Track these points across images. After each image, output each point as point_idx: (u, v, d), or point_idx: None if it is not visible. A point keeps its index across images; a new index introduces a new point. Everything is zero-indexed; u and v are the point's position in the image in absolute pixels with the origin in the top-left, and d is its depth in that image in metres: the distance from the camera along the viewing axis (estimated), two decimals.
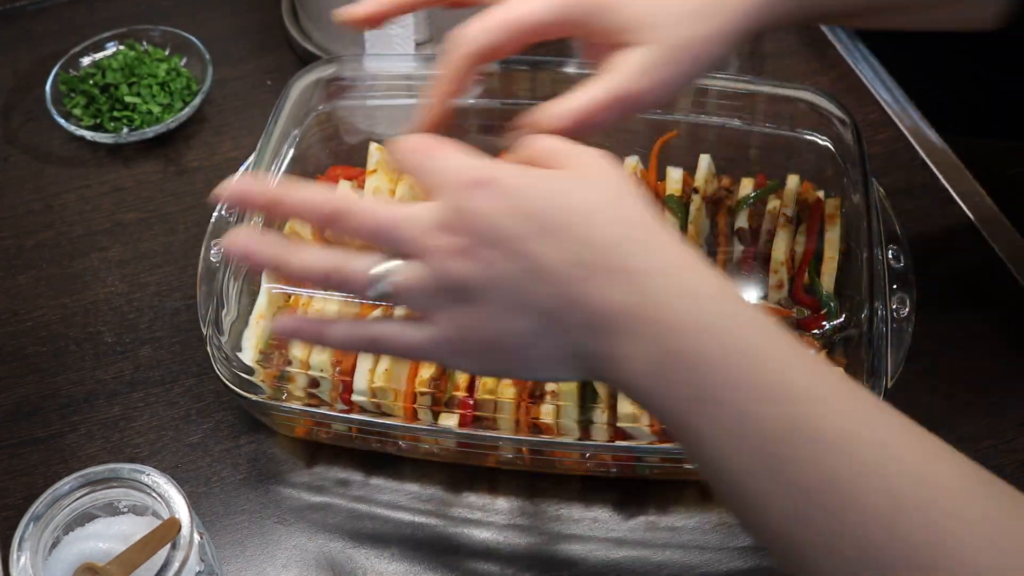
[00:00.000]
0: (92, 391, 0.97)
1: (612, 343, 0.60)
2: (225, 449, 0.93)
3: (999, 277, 1.02)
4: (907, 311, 0.88)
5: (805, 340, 0.84)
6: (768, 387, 0.58)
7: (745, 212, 0.94)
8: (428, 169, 0.65)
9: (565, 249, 0.61)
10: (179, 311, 1.02)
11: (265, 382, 0.86)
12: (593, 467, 0.89)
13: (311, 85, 0.99)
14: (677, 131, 0.98)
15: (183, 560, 0.70)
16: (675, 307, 0.59)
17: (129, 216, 1.10)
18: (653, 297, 0.60)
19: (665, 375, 0.59)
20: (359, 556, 0.87)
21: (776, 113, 0.97)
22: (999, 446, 0.91)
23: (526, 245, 0.61)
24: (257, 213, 0.73)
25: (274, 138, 0.95)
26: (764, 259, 0.91)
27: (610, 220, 0.61)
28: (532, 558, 0.87)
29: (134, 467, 0.74)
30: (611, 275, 0.60)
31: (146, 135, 1.14)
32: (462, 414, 0.84)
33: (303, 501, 0.90)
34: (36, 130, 1.18)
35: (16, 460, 0.93)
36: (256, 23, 1.28)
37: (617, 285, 0.60)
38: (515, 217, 0.61)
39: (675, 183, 0.95)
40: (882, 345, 0.83)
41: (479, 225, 0.61)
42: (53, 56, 1.21)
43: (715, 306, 0.60)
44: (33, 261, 1.07)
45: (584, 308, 0.60)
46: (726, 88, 0.98)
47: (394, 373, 0.84)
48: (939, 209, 1.07)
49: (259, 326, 0.88)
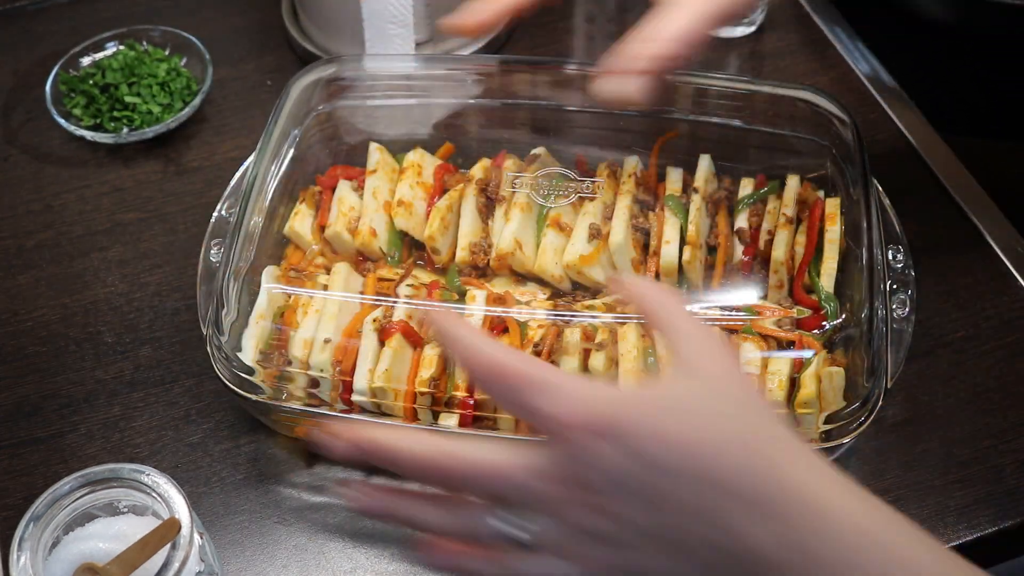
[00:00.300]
0: (92, 391, 0.97)
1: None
2: (225, 449, 0.93)
3: (999, 277, 1.02)
4: (907, 311, 0.88)
5: (805, 340, 0.84)
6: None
7: (745, 212, 0.95)
8: (532, 409, 0.59)
9: (697, 493, 0.57)
10: (179, 311, 1.02)
11: (265, 382, 0.86)
12: None
13: (311, 85, 0.99)
14: (677, 131, 0.98)
15: (183, 560, 0.70)
16: (820, 548, 0.56)
17: (129, 216, 1.10)
18: (796, 535, 0.56)
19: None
20: (359, 556, 0.87)
21: (776, 113, 0.97)
22: (999, 446, 0.91)
23: (656, 495, 0.58)
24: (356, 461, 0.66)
25: (274, 138, 0.95)
26: (764, 259, 0.91)
27: (739, 454, 0.58)
28: None
29: (134, 467, 0.74)
30: (750, 514, 0.57)
31: (146, 135, 1.14)
32: (462, 414, 0.84)
33: (303, 501, 0.90)
34: (36, 130, 1.18)
35: (16, 460, 0.93)
36: (256, 23, 1.28)
37: (760, 524, 0.57)
38: (639, 467, 0.57)
39: (675, 183, 0.95)
40: (882, 345, 0.83)
41: (602, 481, 0.58)
42: (53, 56, 1.21)
43: (861, 540, 0.56)
44: (33, 261, 1.07)
45: (728, 550, 0.57)
46: (726, 88, 0.98)
47: (394, 373, 0.85)
48: (939, 209, 1.07)
49: (259, 326, 0.88)
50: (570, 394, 0.59)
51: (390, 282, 0.92)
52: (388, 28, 1.13)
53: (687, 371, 0.61)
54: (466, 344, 0.62)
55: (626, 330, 0.84)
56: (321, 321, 0.87)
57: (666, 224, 0.92)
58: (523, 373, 0.60)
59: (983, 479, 0.89)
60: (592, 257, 0.91)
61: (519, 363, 0.60)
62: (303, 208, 0.96)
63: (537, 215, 0.94)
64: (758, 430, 0.59)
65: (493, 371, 0.60)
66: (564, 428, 0.58)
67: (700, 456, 0.57)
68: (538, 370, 0.60)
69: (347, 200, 0.96)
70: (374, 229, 0.94)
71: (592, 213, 0.93)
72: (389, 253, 0.95)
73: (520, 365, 0.60)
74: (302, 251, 0.95)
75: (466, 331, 0.63)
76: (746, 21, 1.24)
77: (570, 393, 0.59)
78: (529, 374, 0.60)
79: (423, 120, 1.03)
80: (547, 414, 0.59)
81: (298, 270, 0.93)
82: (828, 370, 0.83)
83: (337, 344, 0.86)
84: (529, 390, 0.59)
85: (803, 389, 0.82)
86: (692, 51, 0.73)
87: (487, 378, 0.61)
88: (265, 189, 0.93)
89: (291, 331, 0.87)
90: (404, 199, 0.96)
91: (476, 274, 0.93)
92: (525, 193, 0.94)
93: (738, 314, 0.87)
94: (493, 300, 0.88)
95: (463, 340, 0.62)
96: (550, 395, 0.59)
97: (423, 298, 0.89)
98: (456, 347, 0.62)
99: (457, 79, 1.04)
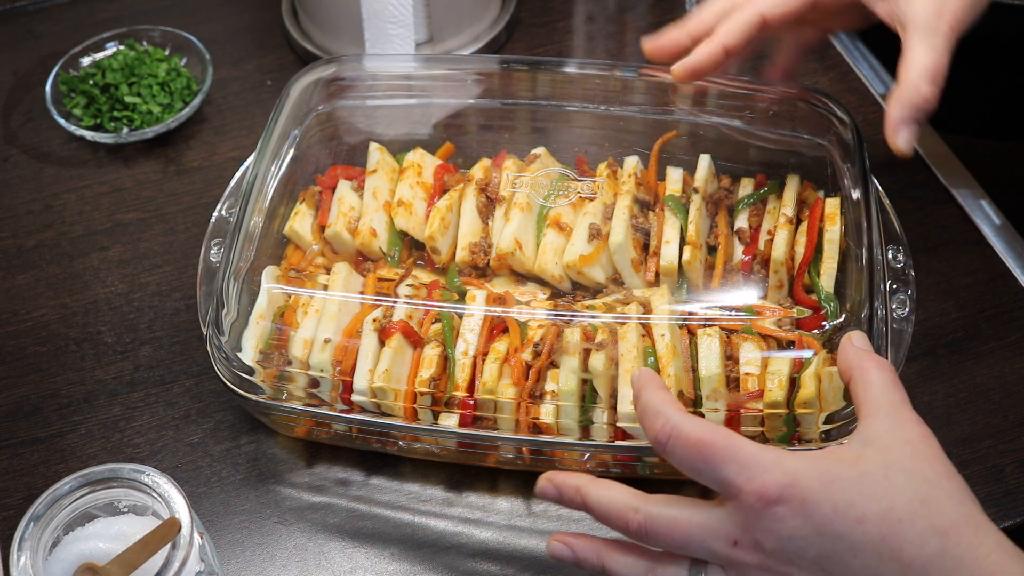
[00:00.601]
0: (92, 391, 0.97)
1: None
2: (225, 449, 0.93)
3: (999, 277, 1.02)
4: (906, 310, 0.88)
5: (805, 340, 0.84)
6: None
7: (745, 212, 0.94)
8: (719, 479, 0.64)
9: (871, 568, 0.60)
10: (179, 311, 1.02)
11: (265, 382, 0.86)
12: (593, 467, 0.89)
13: (311, 85, 0.99)
14: (677, 131, 0.98)
15: (183, 560, 0.70)
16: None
17: (129, 216, 1.10)
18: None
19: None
20: (359, 556, 0.87)
21: (776, 113, 0.97)
22: (999, 446, 0.91)
23: (828, 561, 0.61)
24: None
25: (274, 138, 0.95)
26: (764, 259, 0.91)
27: (921, 532, 0.60)
28: (532, 558, 0.87)
29: (134, 467, 0.74)
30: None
31: (146, 135, 1.14)
32: (462, 414, 0.84)
33: (303, 501, 0.90)
34: (36, 130, 1.18)
35: (16, 460, 0.93)
36: (256, 23, 1.28)
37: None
38: (812, 537, 0.61)
39: (675, 183, 0.95)
40: (882, 344, 0.83)
41: (777, 544, 0.62)
42: (53, 56, 1.21)
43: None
44: (33, 261, 1.07)
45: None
46: (726, 88, 0.98)
47: (394, 373, 0.84)
48: (939, 209, 1.07)
49: (259, 326, 0.88)
50: (754, 464, 0.63)
51: (390, 282, 0.92)
52: (388, 28, 1.13)
53: (864, 439, 0.65)
54: (661, 412, 0.67)
55: (626, 330, 0.84)
56: (321, 321, 0.87)
57: (666, 224, 0.92)
58: (712, 443, 0.64)
59: (983, 479, 0.89)
60: (592, 257, 0.91)
61: (712, 435, 0.65)
62: (303, 208, 0.96)
63: (537, 215, 0.94)
64: (950, 518, 0.61)
65: (690, 442, 0.65)
66: (744, 495, 0.63)
67: (881, 527, 0.60)
68: (725, 440, 0.64)
69: (347, 200, 0.96)
70: (374, 229, 0.94)
71: (592, 213, 0.93)
72: (389, 253, 0.95)
73: (711, 436, 0.65)
74: (302, 251, 0.95)
75: (660, 399, 0.68)
76: None
77: (754, 463, 0.63)
78: (716, 443, 0.64)
79: (423, 120, 1.03)
80: (732, 480, 0.63)
81: (298, 270, 0.93)
82: (828, 370, 0.83)
83: (337, 344, 0.86)
84: (717, 460, 0.64)
85: (803, 389, 0.82)
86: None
87: (677, 448, 0.66)
88: (265, 189, 0.93)
89: (291, 331, 0.87)
90: (404, 199, 0.96)
91: (476, 274, 0.93)
92: (525, 193, 0.94)
93: (738, 314, 0.87)
94: (493, 300, 0.88)
95: (655, 407, 0.67)
96: (736, 464, 0.63)
97: (423, 298, 0.89)
98: (648, 415, 0.68)
99: (457, 79, 1.04)
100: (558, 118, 1.01)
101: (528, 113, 1.01)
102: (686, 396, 0.84)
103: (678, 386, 0.83)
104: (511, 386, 0.84)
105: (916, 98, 0.83)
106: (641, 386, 0.70)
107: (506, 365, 0.85)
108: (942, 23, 0.84)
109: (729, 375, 0.84)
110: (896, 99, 0.84)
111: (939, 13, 0.84)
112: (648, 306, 0.87)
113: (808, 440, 0.82)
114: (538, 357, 0.84)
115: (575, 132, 1.00)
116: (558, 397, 0.84)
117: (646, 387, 0.69)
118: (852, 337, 0.74)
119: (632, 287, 0.91)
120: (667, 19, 1.27)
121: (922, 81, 0.83)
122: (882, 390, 0.68)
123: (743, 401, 0.82)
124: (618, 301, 0.88)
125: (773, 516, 0.62)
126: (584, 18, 1.28)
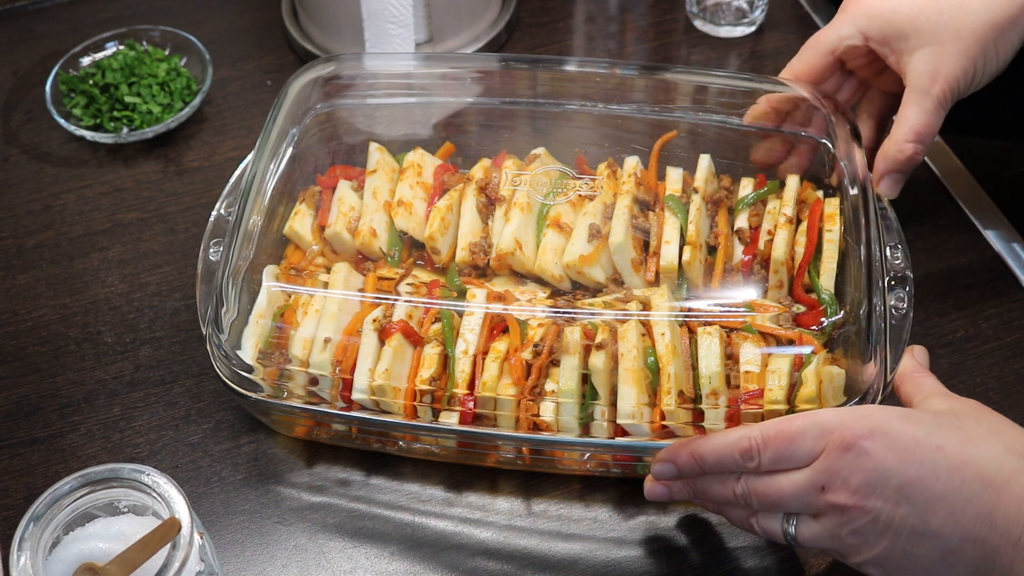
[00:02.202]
0: (92, 391, 0.97)
1: None
2: (225, 449, 0.93)
3: (998, 276, 1.02)
4: (905, 308, 0.88)
5: (805, 338, 0.84)
6: None
7: (745, 212, 0.94)
8: (808, 449, 0.71)
9: (953, 489, 0.66)
10: (179, 311, 1.02)
11: (265, 380, 0.86)
12: (593, 466, 0.89)
13: (310, 83, 0.99)
14: (677, 131, 0.98)
15: (183, 560, 0.70)
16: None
17: (129, 216, 1.10)
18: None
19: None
20: (359, 556, 0.87)
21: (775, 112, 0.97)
22: None
23: (912, 490, 0.67)
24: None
25: (272, 136, 0.95)
26: (764, 259, 0.91)
27: (998, 454, 0.67)
28: (532, 558, 0.87)
29: (134, 467, 0.74)
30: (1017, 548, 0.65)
31: (146, 135, 1.14)
32: (462, 412, 0.84)
33: (303, 501, 0.90)
34: (36, 130, 1.18)
35: (16, 460, 0.93)
36: (256, 23, 1.28)
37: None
38: (895, 466, 0.68)
39: (675, 183, 0.95)
40: (881, 342, 0.83)
41: (861, 479, 0.68)
42: (53, 56, 1.21)
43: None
44: (33, 261, 1.07)
45: (982, 540, 0.66)
46: (726, 87, 0.98)
47: (394, 372, 0.84)
48: (939, 208, 1.07)
49: (259, 325, 0.88)
50: (833, 419, 0.71)
51: (390, 281, 0.92)
52: (388, 28, 1.13)
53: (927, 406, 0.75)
54: (739, 434, 0.74)
55: (626, 329, 0.84)
56: (321, 320, 0.87)
57: (666, 224, 0.92)
58: (789, 428, 0.72)
59: None
60: (592, 257, 0.91)
61: (785, 422, 0.73)
62: (303, 208, 0.96)
63: (537, 215, 0.94)
64: (1012, 435, 0.70)
65: (771, 437, 0.72)
66: (831, 442, 0.70)
67: (955, 452, 0.67)
68: (800, 417, 0.72)
69: (347, 200, 0.96)
70: (374, 229, 0.94)
71: (592, 213, 0.93)
72: (389, 253, 0.95)
73: (786, 423, 0.72)
74: (302, 251, 0.95)
75: (725, 432, 0.76)
76: (746, 21, 1.24)
77: (833, 419, 0.71)
78: (792, 423, 0.72)
79: (423, 120, 1.03)
80: (817, 442, 0.70)
81: (298, 269, 0.93)
82: (828, 368, 0.83)
83: (337, 343, 0.86)
84: (801, 436, 0.71)
85: (804, 387, 0.82)
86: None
87: (767, 449, 0.72)
88: (264, 187, 0.93)
89: (291, 330, 0.87)
90: (404, 199, 0.96)
91: (476, 274, 0.93)
92: (525, 193, 0.94)
93: (737, 311, 0.87)
94: (493, 298, 0.88)
95: (727, 435, 0.75)
96: (817, 428, 0.71)
97: (423, 297, 0.89)
98: (727, 443, 0.75)
99: (457, 79, 1.04)
100: (558, 118, 1.01)
101: (528, 113, 1.01)
102: (686, 395, 0.84)
103: (678, 385, 0.83)
104: (511, 385, 0.84)
105: (899, 155, 0.91)
106: (688, 442, 0.78)
107: (506, 364, 0.85)
108: (936, 87, 0.90)
109: (729, 373, 0.84)
110: (882, 153, 0.93)
111: (935, 77, 0.90)
112: (648, 305, 0.87)
113: None
114: (538, 356, 0.84)
115: (575, 132, 1.00)
116: (558, 395, 0.84)
117: (696, 440, 0.77)
118: (914, 351, 0.82)
119: (632, 287, 0.91)
120: (667, 19, 1.27)
121: (907, 140, 0.91)
122: (934, 384, 0.77)
123: (743, 399, 0.82)
124: (618, 300, 0.88)
125: (859, 451, 0.68)
126: (584, 18, 1.28)
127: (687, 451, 0.78)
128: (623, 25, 1.28)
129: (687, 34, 1.25)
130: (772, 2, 1.26)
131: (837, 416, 0.71)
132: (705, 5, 1.25)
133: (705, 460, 0.77)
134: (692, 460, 0.78)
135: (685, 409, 0.83)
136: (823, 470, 0.70)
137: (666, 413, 0.83)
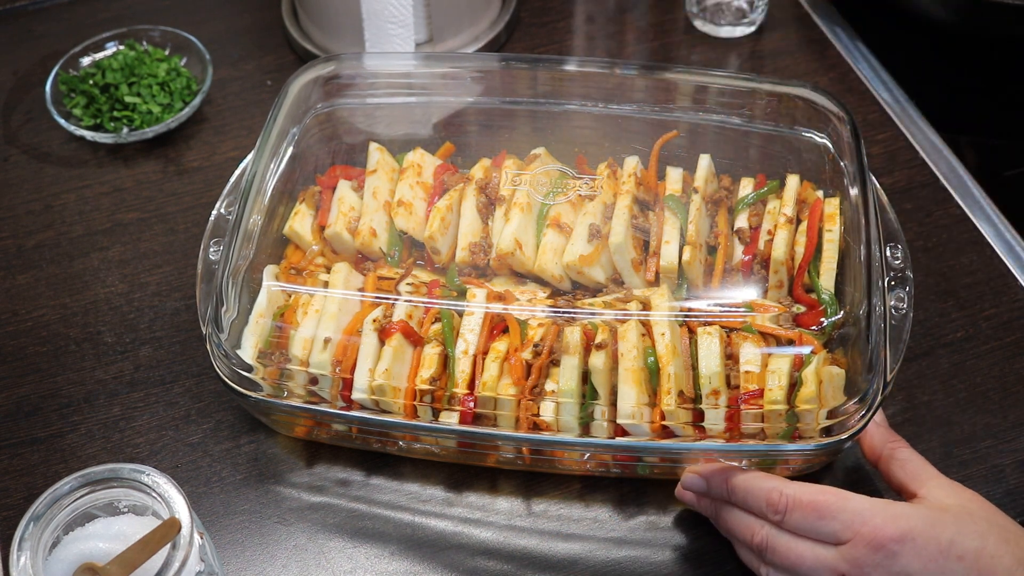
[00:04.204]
0: (92, 391, 0.97)
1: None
2: (225, 449, 0.93)
3: (998, 276, 1.02)
4: (905, 308, 0.88)
5: (805, 338, 0.84)
6: None
7: (745, 212, 0.94)
8: (833, 530, 0.75)
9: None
10: (179, 311, 1.02)
11: (265, 380, 0.86)
12: (593, 466, 0.89)
13: (310, 83, 0.99)
14: (677, 131, 0.98)
15: (183, 560, 0.70)
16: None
17: (129, 216, 1.10)
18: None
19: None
20: (359, 556, 0.87)
21: (775, 111, 0.97)
22: (998, 446, 0.91)
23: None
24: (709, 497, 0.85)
25: (273, 136, 0.95)
26: (764, 259, 0.91)
27: (1008, 565, 0.73)
28: (532, 558, 0.87)
29: (134, 467, 0.74)
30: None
31: (146, 135, 1.14)
32: (462, 412, 0.84)
33: (303, 501, 0.90)
34: (36, 130, 1.18)
35: (16, 460, 0.93)
36: (256, 23, 1.28)
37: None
38: (919, 572, 0.73)
39: (675, 183, 0.95)
40: (880, 341, 0.83)
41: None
42: (53, 56, 1.21)
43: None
44: (33, 261, 1.07)
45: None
46: (725, 86, 0.98)
47: (394, 372, 0.84)
48: (939, 209, 1.07)
49: (259, 324, 0.88)
50: (865, 511, 0.75)
51: (390, 281, 0.92)
52: (388, 28, 1.13)
53: (934, 499, 0.78)
54: (772, 484, 0.78)
55: (626, 329, 0.84)
56: (321, 320, 0.87)
57: (666, 224, 0.92)
58: (824, 502, 0.76)
59: (983, 479, 0.89)
60: (592, 257, 0.91)
61: (822, 495, 0.76)
62: (303, 208, 0.96)
63: (537, 215, 0.94)
64: (1020, 544, 0.75)
65: (803, 504, 0.76)
66: (860, 536, 0.74)
67: (972, 563, 0.73)
68: (835, 496, 0.76)
69: (347, 200, 0.96)
70: (374, 229, 0.94)
71: (592, 213, 0.93)
72: (389, 253, 0.95)
73: (822, 496, 0.76)
74: (302, 251, 0.95)
75: (759, 474, 0.80)
76: (746, 21, 1.24)
77: (865, 510, 0.75)
78: (828, 501, 0.76)
79: (423, 120, 1.03)
80: (845, 529, 0.75)
81: (298, 269, 0.93)
82: (828, 368, 0.83)
83: (337, 343, 0.86)
84: (830, 514, 0.75)
85: (804, 387, 0.82)
86: None
87: (795, 512, 0.76)
88: (264, 187, 0.93)
89: (291, 330, 0.87)
90: (404, 199, 0.96)
91: (476, 274, 0.93)
92: (525, 193, 0.94)
93: (737, 311, 0.87)
94: (493, 298, 0.88)
95: (762, 480, 0.79)
96: (848, 514, 0.75)
97: (423, 297, 0.89)
98: (757, 486, 0.79)
99: (457, 79, 1.04)
100: (558, 118, 1.01)
101: (528, 113, 1.01)
102: (686, 395, 0.84)
103: (678, 385, 0.83)
104: (511, 385, 0.84)
105: None
106: (727, 469, 0.81)
107: (506, 364, 0.85)
108: None
109: (729, 373, 0.84)
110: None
111: None
112: (648, 305, 0.87)
113: (808, 437, 0.82)
114: (538, 356, 0.84)
115: (575, 132, 1.00)
116: (558, 395, 0.84)
117: (734, 471, 0.81)
118: (875, 419, 0.83)
119: (632, 287, 0.91)
120: (667, 19, 1.27)
121: None
122: (920, 464, 0.81)
123: (743, 399, 0.82)
124: (618, 300, 0.88)
125: (887, 553, 0.73)
126: (584, 18, 1.28)
127: (721, 475, 0.81)
128: (623, 25, 1.28)
129: (687, 34, 1.25)
130: (772, 2, 1.26)
131: (871, 510, 0.75)
132: (705, 5, 1.25)
133: (734, 491, 0.80)
134: (722, 485, 0.81)
135: (685, 409, 0.83)
136: (850, 559, 0.74)
137: (666, 413, 0.83)
